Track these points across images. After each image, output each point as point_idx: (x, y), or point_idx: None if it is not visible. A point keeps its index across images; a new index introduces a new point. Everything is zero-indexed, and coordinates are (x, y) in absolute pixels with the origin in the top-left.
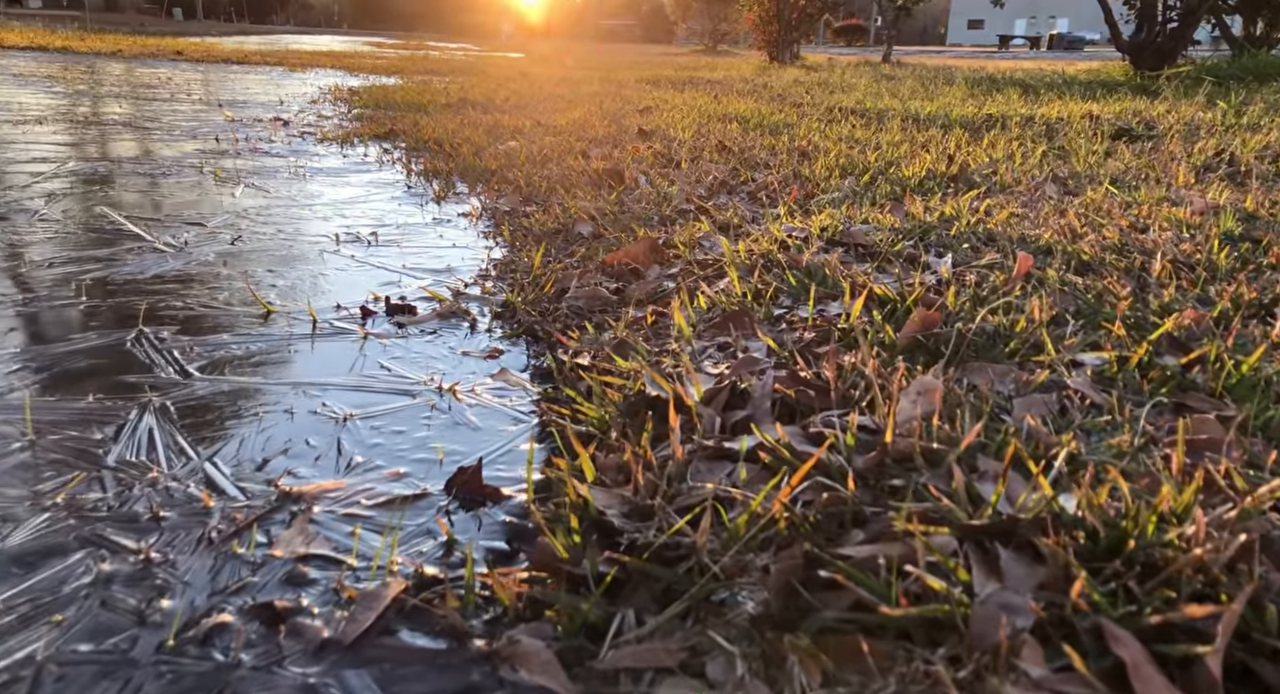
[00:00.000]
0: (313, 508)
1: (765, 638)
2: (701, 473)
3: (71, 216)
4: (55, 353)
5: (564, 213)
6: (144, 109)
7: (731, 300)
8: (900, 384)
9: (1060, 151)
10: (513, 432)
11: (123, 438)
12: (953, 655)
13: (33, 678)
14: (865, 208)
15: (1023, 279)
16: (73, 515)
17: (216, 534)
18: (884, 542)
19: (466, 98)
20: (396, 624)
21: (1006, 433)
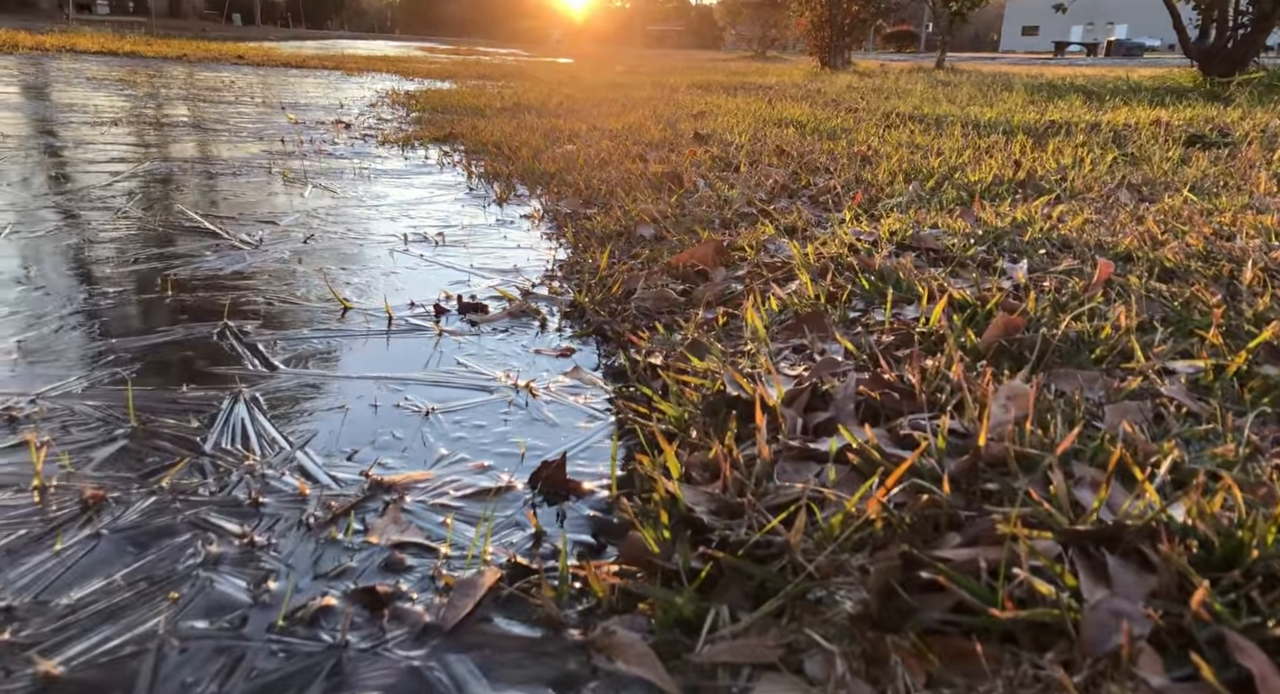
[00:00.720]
0: (404, 497)
1: (865, 637)
2: (787, 473)
3: (151, 214)
4: (148, 345)
5: (625, 215)
6: (211, 111)
7: (804, 303)
8: (988, 388)
9: (1131, 158)
10: (589, 428)
11: (218, 426)
12: (1064, 660)
13: (156, 651)
14: (933, 213)
15: (1103, 285)
16: (178, 499)
17: (314, 520)
18: (982, 545)
19: (521, 102)
20: (492, 612)
21: (1103, 439)
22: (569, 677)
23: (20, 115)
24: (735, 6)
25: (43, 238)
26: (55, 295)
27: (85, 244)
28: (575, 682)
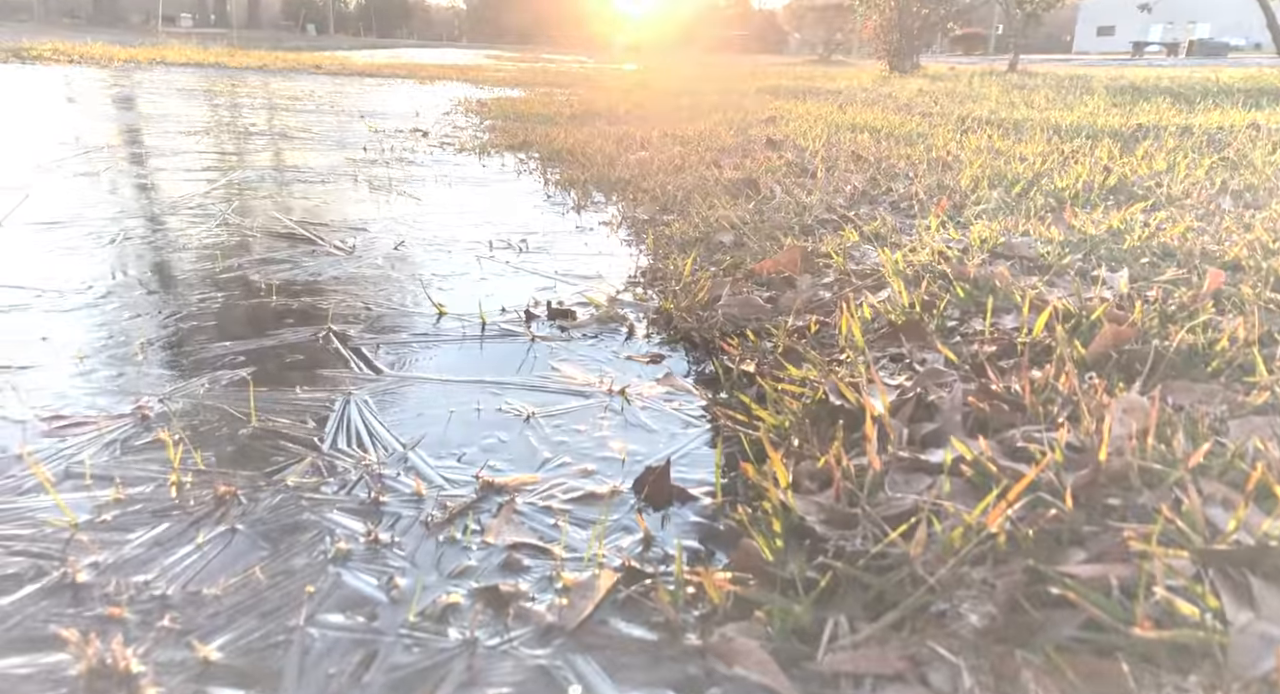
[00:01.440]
0: (515, 499)
1: (992, 652)
2: (899, 484)
3: (248, 221)
4: (259, 347)
5: (704, 221)
6: (294, 120)
7: (898, 311)
8: (1103, 401)
9: (1230, 163)
10: (686, 434)
11: (332, 427)
12: (1209, 684)
13: (299, 642)
14: (1022, 220)
15: (1213, 296)
16: (303, 496)
17: (432, 520)
18: (1110, 561)
19: (590, 109)
20: (610, 614)
21: (1232, 456)
22: (690, 680)
23: (120, 125)
24: (800, 10)
25: (152, 244)
26: (171, 299)
27: (192, 250)
28: (697, 686)
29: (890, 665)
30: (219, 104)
